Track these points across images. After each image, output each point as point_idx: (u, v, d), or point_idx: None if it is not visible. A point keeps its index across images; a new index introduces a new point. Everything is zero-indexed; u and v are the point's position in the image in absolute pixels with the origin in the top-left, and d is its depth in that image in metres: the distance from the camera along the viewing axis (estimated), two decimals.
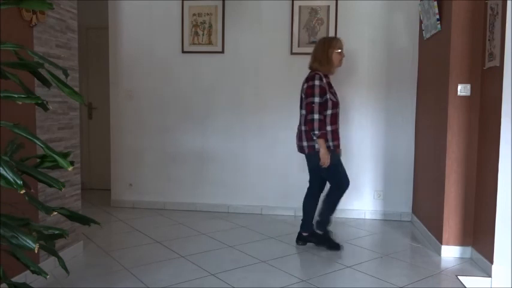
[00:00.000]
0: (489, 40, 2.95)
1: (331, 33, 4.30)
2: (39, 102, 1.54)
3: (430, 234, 3.59)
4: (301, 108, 3.40)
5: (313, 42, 4.33)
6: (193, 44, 4.52)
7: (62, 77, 1.71)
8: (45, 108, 1.62)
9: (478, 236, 3.13)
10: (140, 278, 2.78)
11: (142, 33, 4.60)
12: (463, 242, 3.25)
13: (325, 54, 3.32)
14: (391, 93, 4.32)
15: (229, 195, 4.58)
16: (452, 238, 3.27)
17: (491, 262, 2.84)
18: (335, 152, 3.32)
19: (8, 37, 2.37)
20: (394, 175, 4.35)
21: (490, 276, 2.85)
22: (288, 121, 4.45)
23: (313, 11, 4.33)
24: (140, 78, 4.64)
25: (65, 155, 1.55)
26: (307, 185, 4.42)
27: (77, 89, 3.16)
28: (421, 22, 4.01)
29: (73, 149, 3.09)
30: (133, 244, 3.49)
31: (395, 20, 4.26)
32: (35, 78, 1.73)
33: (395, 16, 4.26)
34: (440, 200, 3.31)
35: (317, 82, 3.21)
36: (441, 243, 3.30)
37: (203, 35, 4.50)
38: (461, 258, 3.23)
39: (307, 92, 3.24)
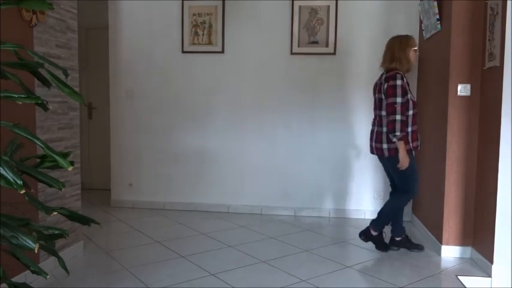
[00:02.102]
0: (489, 40, 2.95)
1: (331, 33, 4.30)
2: (39, 102, 1.54)
3: (430, 234, 3.59)
4: (378, 109, 3.28)
5: (313, 42, 4.35)
6: (193, 44, 4.52)
7: (62, 77, 1.71)
8: (45, 108, 1.63)
9: (478, 236, 3.13)
10: (140, 278, 2.78)
11: (142, 33, 4.60)
12: (463, 242, 3.25)
13: (403, 53, 3.21)
14: None
15: (229, 195, 4.58)
16: (452, 238, 3.27)
17: (491, 262, 2.84)
18: (412, 154, 3.27)
19: (8, 37, 2.37)
20: None
21: (490, 276, 2.85)
22: (287, 121, 4.45)
23: (313, 11, 4.32)
24: (140, 78, 4.63)
25: (65, 155, 1.55)
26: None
27: (77, 89, 3.16)
28: (421, 22, 4.01)
29: (73, 149, 3.09)
30: (133, 244, 3.49)
31: (395, 20, 4.26)
32: (35, 78, 1.73)
33: (395, 16, 4.26)
34: (440, 200, 3.31)
35: (399, 82, 3.10)
36: (441, 243, 3.30)
37: (203, 35, 4.50)
38: (461, 258, 3.23)
39: (389, 92, 3.12)
